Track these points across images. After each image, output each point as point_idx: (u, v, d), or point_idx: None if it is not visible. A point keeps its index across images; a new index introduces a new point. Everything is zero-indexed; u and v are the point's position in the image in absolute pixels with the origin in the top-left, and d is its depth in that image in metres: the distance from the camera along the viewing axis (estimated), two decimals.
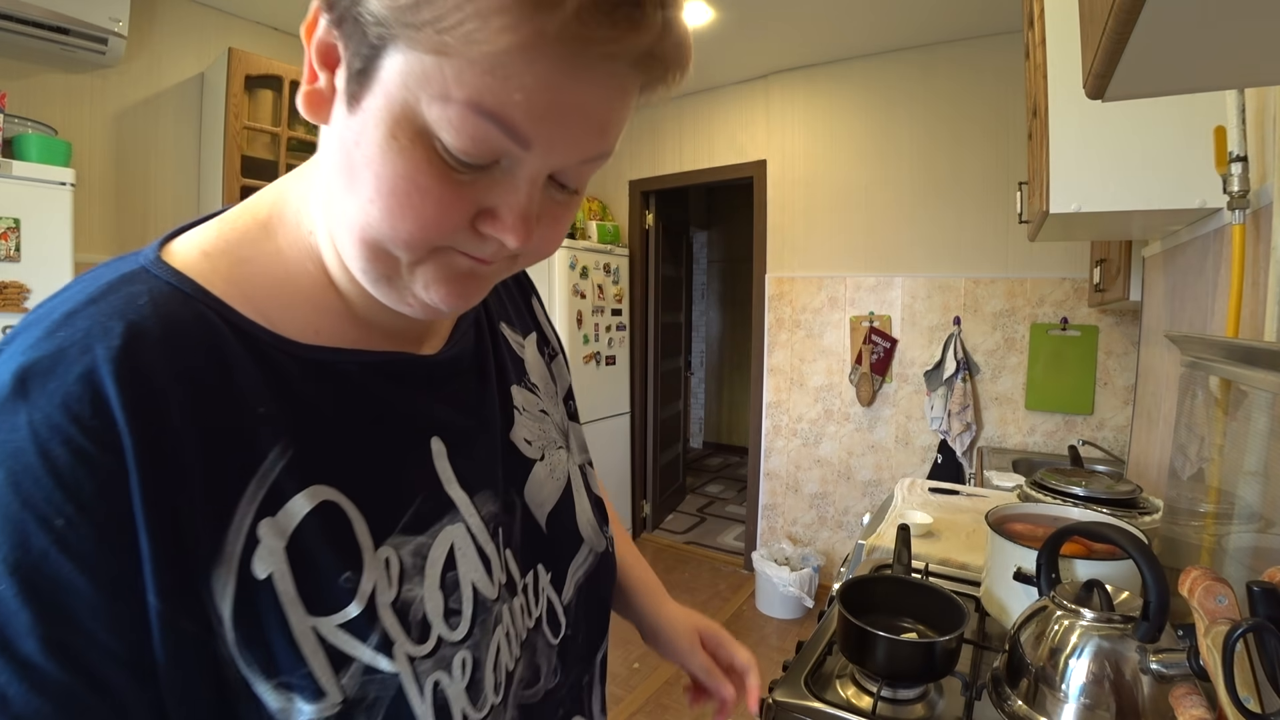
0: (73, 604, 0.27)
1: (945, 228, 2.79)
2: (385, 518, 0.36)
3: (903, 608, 0.93)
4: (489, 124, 0.28)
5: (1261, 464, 0.76)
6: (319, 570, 0.33)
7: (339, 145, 0.32)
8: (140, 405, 0.28)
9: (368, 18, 0.28)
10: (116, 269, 0.33)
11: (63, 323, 0.30)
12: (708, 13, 2.50)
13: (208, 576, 0.30)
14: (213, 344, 0.32)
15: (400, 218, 0.30)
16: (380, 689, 0.33)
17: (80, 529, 0.27)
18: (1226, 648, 0.53)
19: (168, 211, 2.34)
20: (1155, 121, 1.06)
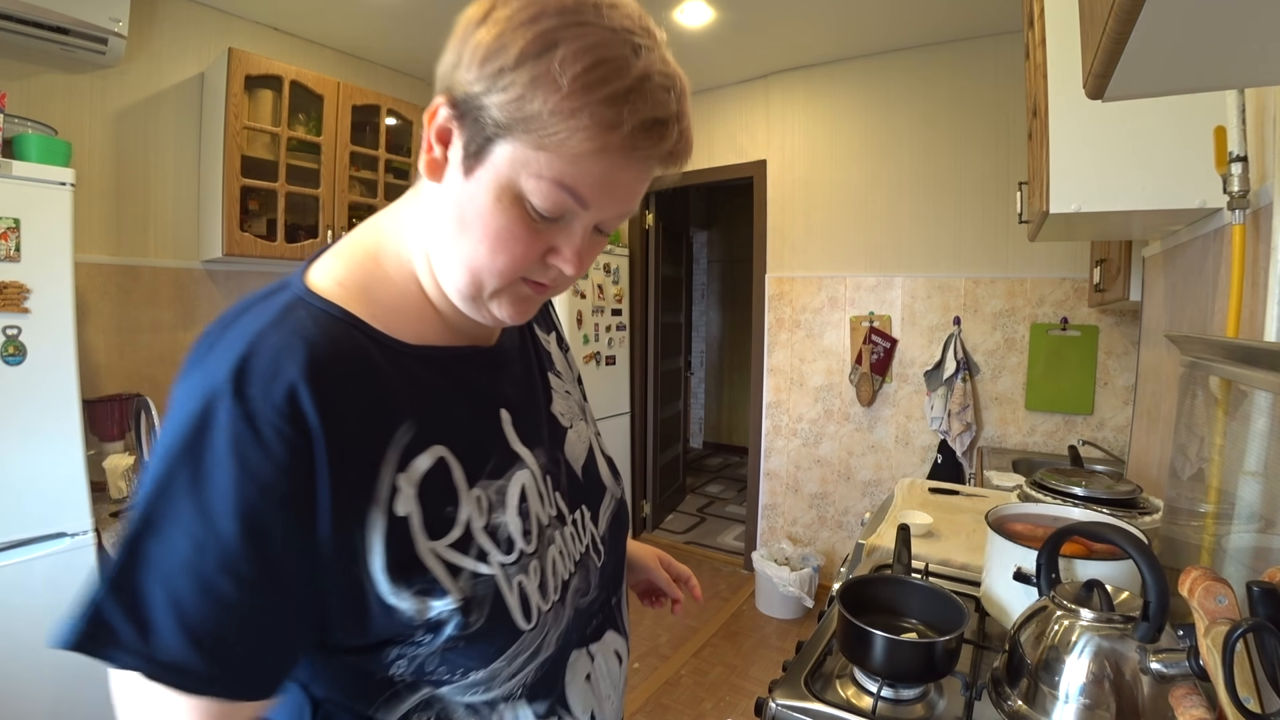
0: (273, 532, 0.40)
1: (945, 228, 2.79)
2: (474, 467, 0.50)
3: (903, 608, 0.93)
4: (565, 194, 0.44)
5: (1261, 464, 0.76)
6: (437, 505, 0.47)
7: (453, 201, 0.46)
8: (321, 400, 0.41)
9: (487, 119, 0.42)
10: (279, 300, 0.46)
11: (257, 340, 0.42)
12: (708, 13, 2.50)
13: (364, 516, 0.43)
14: (359, 352, 0.46)
15: (500, 254, 0.46)
16: (485, 588, 0.48)
17: (281, 485, 0.40)
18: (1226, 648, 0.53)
19: (168, 211, 2.34)
20: (1155, 121, 1.06)
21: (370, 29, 2.66)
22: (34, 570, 1.58)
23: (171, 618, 0.38)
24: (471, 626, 0.47)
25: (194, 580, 0.39)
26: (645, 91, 0.41)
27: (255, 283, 2.60)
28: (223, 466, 0.39)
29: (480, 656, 0.48)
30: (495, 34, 0.41)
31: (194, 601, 0.39)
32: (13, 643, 1.55)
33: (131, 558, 0.39)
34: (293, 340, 0.42)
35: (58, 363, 1.61)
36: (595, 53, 0.40)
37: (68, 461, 1.63)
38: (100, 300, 2.17)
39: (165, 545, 0.39)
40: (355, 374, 0.44)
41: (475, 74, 0.42)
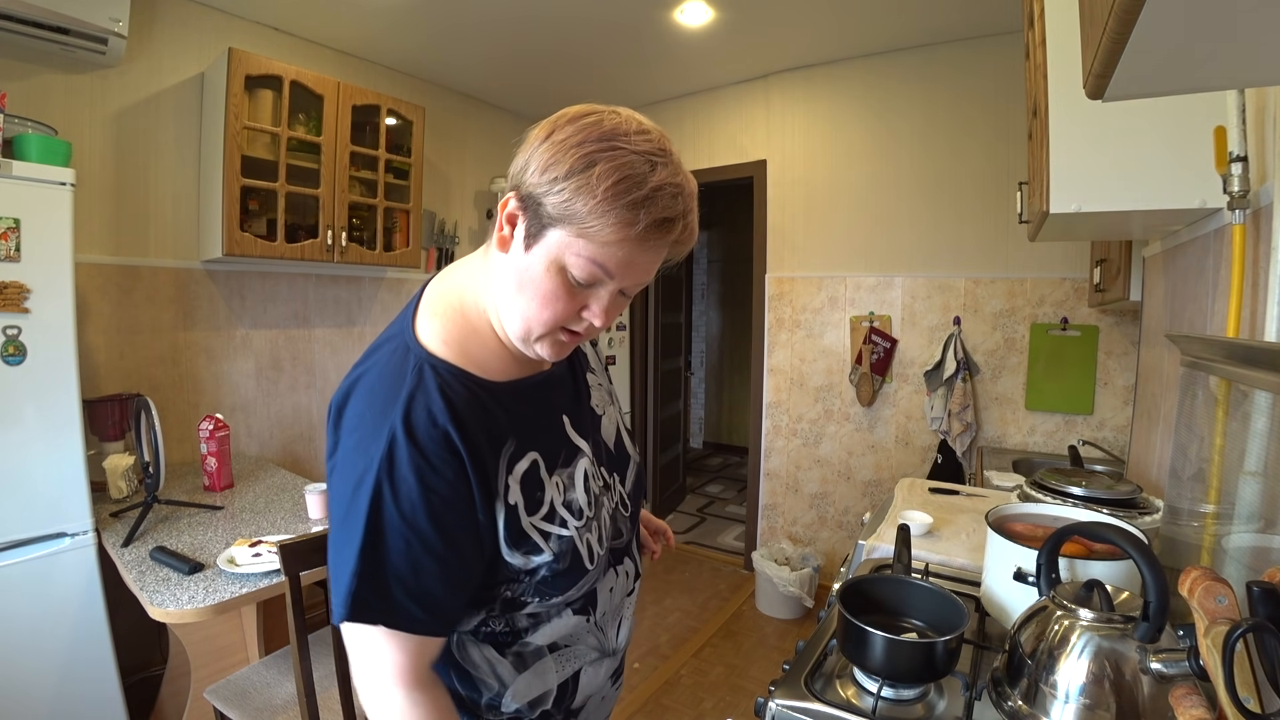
0: (450, 522, 0.62)
1: (945, 227, 2.79)
2: (552, 462, 0.71)
3: (903, 608, 0.93)
4: (597, 268, 0.60)
5: (1261, 464, 0.76)
6: (532, 493, 0.68)
7: (515, 269, 0.63)
8: (463, 436, 0.62)
9: (544, 212, 0.59)
10: (409, 362, 0.64)
11: (414, 401, 0.61)
12: (708, 13, 2.50)
13: (493, 506, 0.65)
14: (475, 397, 0.65)
15: (546, 309, 0.63)
16: (566, 544, 0.70)
17: (451, 494, 0.61)
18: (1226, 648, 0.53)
19: (168, 211, 2.34)
20: (1155, 121, 1.06)
21: (370, 29, 2.65)
22: (34, 570, 1.58)
23: (400, 588, 0.60)
24: (558, 569, 0.69)
25: (409, 563, 0.60)
26: (657, 199, 0.58)
27: (256, 283, 2.61)
28: (413, 490, 0.59)
29: (560, 588, 0.70)
30: (553, 152, 0.58)
31: (411, 576, 0.60)
32: (13, 643, 1.55)
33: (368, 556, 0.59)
34: (433, 395, 0.62)
35: (58, 363, 1.61)
36: (621, 170, 0.56)
37: (68, 461, 1.63)
38: (100, 300, 2.17)
39: (386, 544, 0.59)
40: (477, 413, 0.64)
41: (538, 179, 0.59)
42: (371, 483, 0.59)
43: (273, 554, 1.48)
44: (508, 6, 2.45)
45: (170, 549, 1.54)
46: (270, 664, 1.58)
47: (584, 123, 0.59)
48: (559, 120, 0.61)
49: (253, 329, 2.62)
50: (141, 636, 2.16)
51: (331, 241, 2.49)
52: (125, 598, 1.53)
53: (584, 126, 0.59)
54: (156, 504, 1.81)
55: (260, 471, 2.35)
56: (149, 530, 1.70)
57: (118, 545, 1.61)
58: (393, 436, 0.59)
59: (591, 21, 2.57)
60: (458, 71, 3.13)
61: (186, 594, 1.35)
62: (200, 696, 1.57)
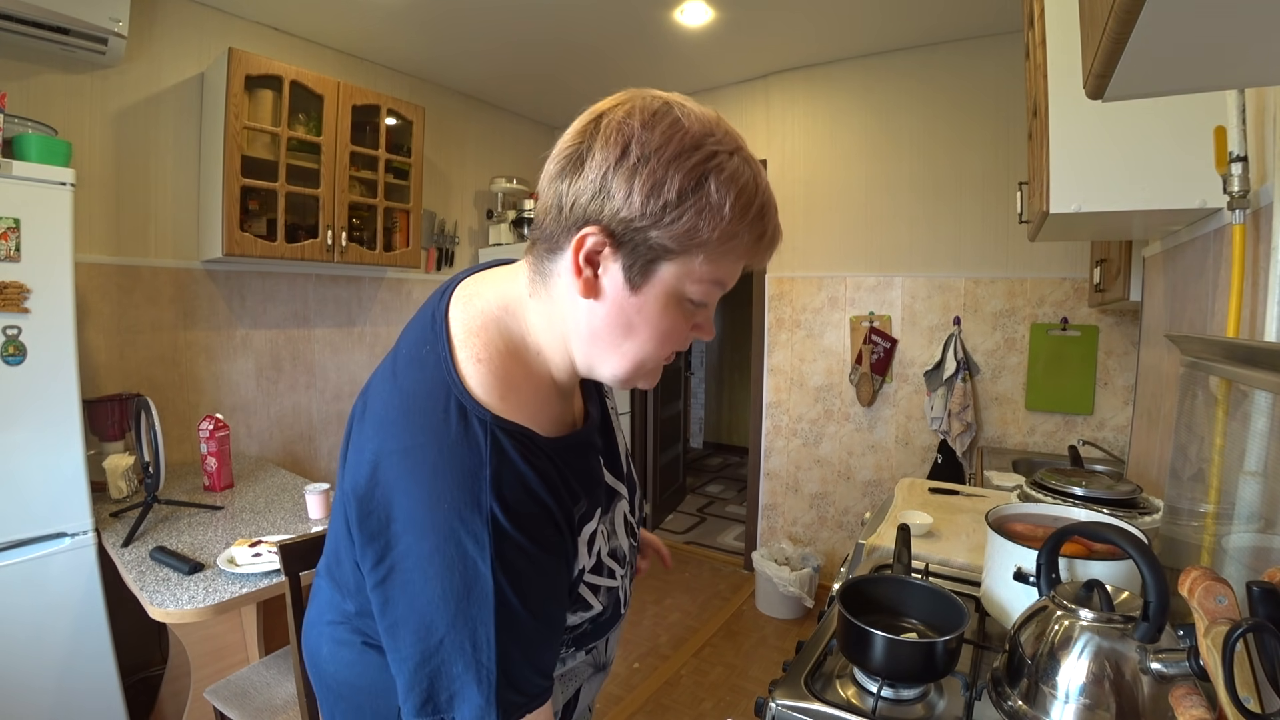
0: (559, 585, 0.59)
1: (945, 228, 2.79)
2: (600, 509, 0.66)
3: (903, 608, 0.93)
4: (718, 288, 0.57)
5: (1261, 464, 0.76)
6: (592, 550, 0.64)
7: (618, 311, 0.55)
8: (555, 499, 0.56)
9: (655, 244, 0.52)
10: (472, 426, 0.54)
11: (496, 475, 0.52)
12: (708, 13, 2.50)
13: (572, 563, 0.61)
14: (548, 455, 0.57)
15: (667, 345, 0.58)
16: (612, 597, 0.68)
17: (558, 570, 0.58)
18: (1226, 648, 0.53)
19: (168, 211, 2.34)
20: (1155, 121, 1.06)
21: (370, 29, 2.65)
22: (34, 570, 1.58)
23: (534, 670, 0.55)
24: (601, 619, 0.67)
25: (538, 647, 0.55)
26: (769, 201, 0.55)
27: (256, 283, 2.61)
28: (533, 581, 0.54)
29: (598, 635, 0.68)
30: (649, 174, 0.50)
31: (539, 657, 0.56)
32: (13, 642, 1.55)
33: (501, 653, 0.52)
34: (526, 471, 0.54)
35: (58, 363, 1.61)
36: (736, 182, 0.52)
37: (68, 461, 1.63)
38: (100, 300, 2.17)
39: (518, 633, 0.53)
40: (558, 477, 0.58)
41: (639, 210, 0.51)
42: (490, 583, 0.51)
43: (273, 554, 1.48)
44: (507, 5, 2.45)
45: (170, 549, 1.54)
46: (270, 664, 1.58)
47: (664, 128, 0.51)
48: (626, 130, 0.51)
49: (253, 329, 2.62)
50: (141, 636, 2.16)
51: (331, 241, 2.49)
52: (125, 598, 1.53)
53: (668, 134, 0.51)
54: (156, 504, 1.81)
55: (260, 471, 2.35)
56: (149, 530, 1.70)
57: (118, 545, 1.61)
58: (495, 524, 0.51)
59: (591, 21, 2.57)
60: (458, 71, 3.13)
61: (186, 594, 1.35)
62: (200, 696, 1.57)
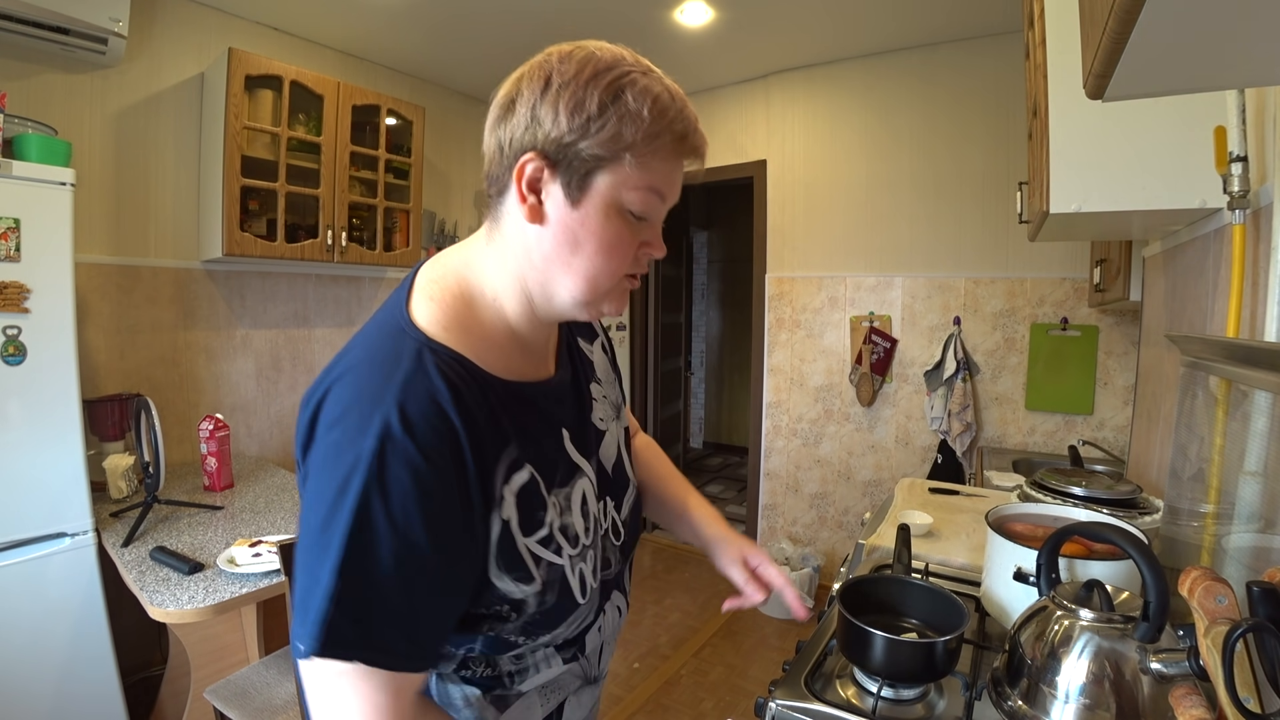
0: (449, 536, 0.52)
1: (945, 227, 2.79)
2: (551, 479, 0.62)
3: (903, 608, 0.93)
4: (654, 195, 0.58)
5: (1261, 464, 0.76)
6: (530, 511, 0.59)
7: (563, 230, 0.57)
8: (467, 426, 0.53)
9: (586, 156, 0.54)
10: (409, 347, 0.55)
11: (410, 386, 0.52)
12: (708, 13, 2.50)
13: (489, 520, 0.55)
14: (480, 388, 0.56)
15: (614, 258, 0.58)
16: (555, 574, 0.60)
17: (451, 500, 0.52)
18: (1226, 648, 0.53)
19: (168, 211, 2.34)
20: (1155, 121, 1.06)
21: (370, 29, 2.66)
22: (34, 570, 1.58)
23: (385, 615, 0.49)
24: (546, 604, 0.60)
25: (398, 583, 0.49)
26: (688, 108, 0.58)
27: (256, 283, 2.61)
28: (408, 493, 0.49)
29: (549, 625, 0.61)
30: (570, 94, 0.54)
31: (399, 599, 0.50)
32: (13, 643, 1.55)
33: (348, 575, 0.48)
34: (433, 379, 0.53)
35: (58, 363, 1.61)
36: (650, 92, 0.55)
37: (68, 461, 1.63)
38: (100, 300, 2.17)
39: (372, 561, 0.48)
40: (482, 408, 0.56)
41: (566, 126, 0.54)
42: (359, 486, 0.48)
43: (273, 554, 1.48)
44: (507, 6, 2.45)
45: (170, 549, 1.54)
46: (270, 664, 1.58)
47: (578, 59, 0.55)
48: (547, 65, 0.56)
49: (253, 329, 2.62)
50: (141, 636, 2.16)
51: (331, 241, 2.49)
52: (125, 598, 1.53)
53: (582, 62, 0.55)
54: (156, 504, 1.81)
55: (260, 471, 2.35)
56: (149, 530, 1.70)
57: (118, 545, 1.61)
58: (386, 428, 0.49)
59: (591, 21, 2.57)
60: (458, 71, 3.13)
61: (186, 594, 1.35)
62: (200, 696, 1.57)
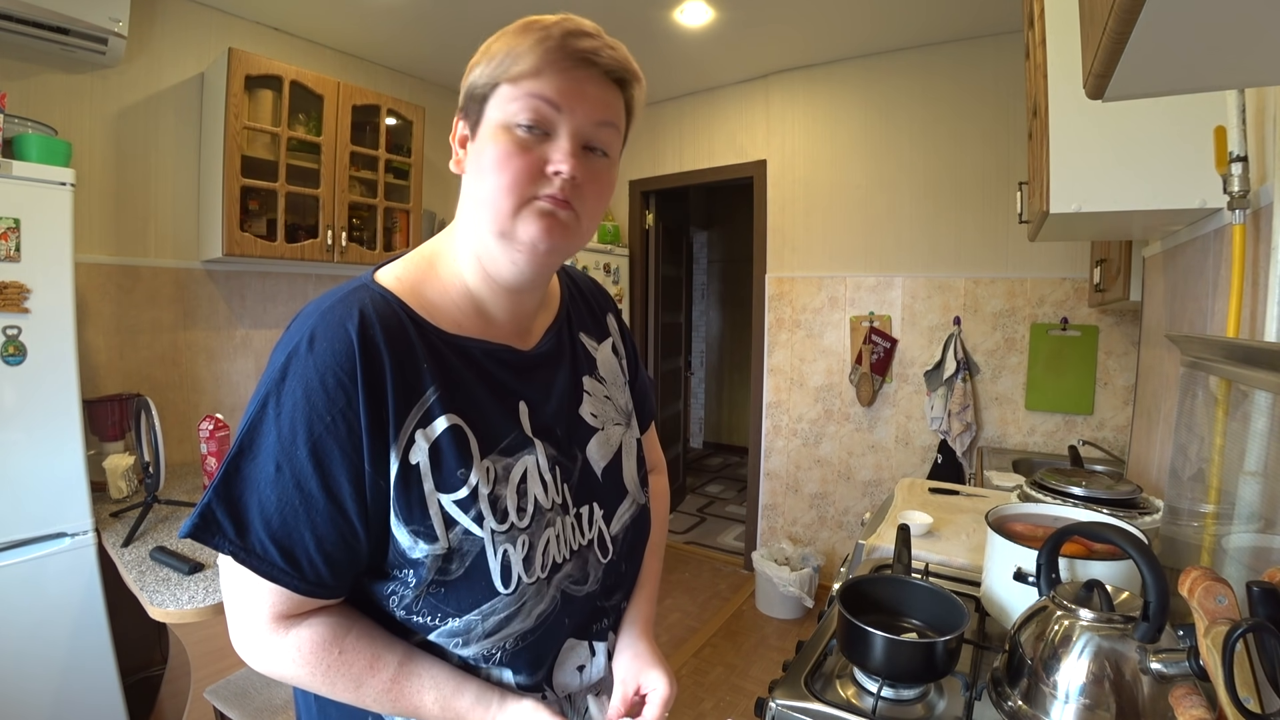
0: (331, 459, 0.52)
1: (945, 227, 2.79)
2: (489, 442, 0.60)
3: (903, 608, 0.93)
4: (538, 101, 0.56)
5: (1261, 464, 0.76)
6: (447, 465, 0.57)
7: (472, 169, 0.59)
8: (367, 356, 0.53)
9: (476, 94, 0.58)
10: (350, 285, 0.59)
11: (328, 310, 0.55)
12: (708, 13, 2.50)
13: (387, 455, 0.54)
14: (401, 326, 0.57)
15: (504, 173, 0.55)
16: (470, 544, 0.57)
17: (337, 423, 0.52)
18: (1226, 648, 0.53)
19: (168, 211, 2.34)
20: (1156, 121, 1.06)
21: (370, 29, 2.65)
22: (34, 570, 1.58)
23: (259, 519, 0.52)
24: (450, 574, 0.57)
25: (275, 491, 0.52)
26: (566, 24, 0.57)
27: (256, 283, 2.61)
28: (298, 406, 0.52)
29: (456, 605, 0.57)
30: (474, 58, 0.59)
31: (275, 508, 0.52)
32: (13, 643, 1.55)
33: (234, 472, 0.52)
34: (352, 310, 0.55)
35: (58, 363, 1.61)
36: (529, 18, 0.58)
37: (68, 461, 1.63)
38: (100, 300, 2.17)
39: (256, 464, 0.52)
40: (394, 341, 0.56)
41: (467, 81, 0.60)
42: (261, 395, 0.53)
43: None
44: (507, 6, 2.45)
45: (170, 549, 1.54)
46: None
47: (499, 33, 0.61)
48: None
49: (253, 329, 2.62)
50: (141, 636, 2.15)
51: (331, 241, 2.49)
52: (125, 598, 1.53)
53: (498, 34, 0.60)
54: (156, 504, 1.81)
55: None
56: (149, 530, 1.70)
57: (118, 545, 1.61)
58: (295, 347, 0.53)
59: (591, 19, 2.56)
60: (458, 71, 3.11)
61: (186, 594, 1.35)
62: (200, 696, 1.57)
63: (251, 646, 0.57)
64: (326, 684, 0.56)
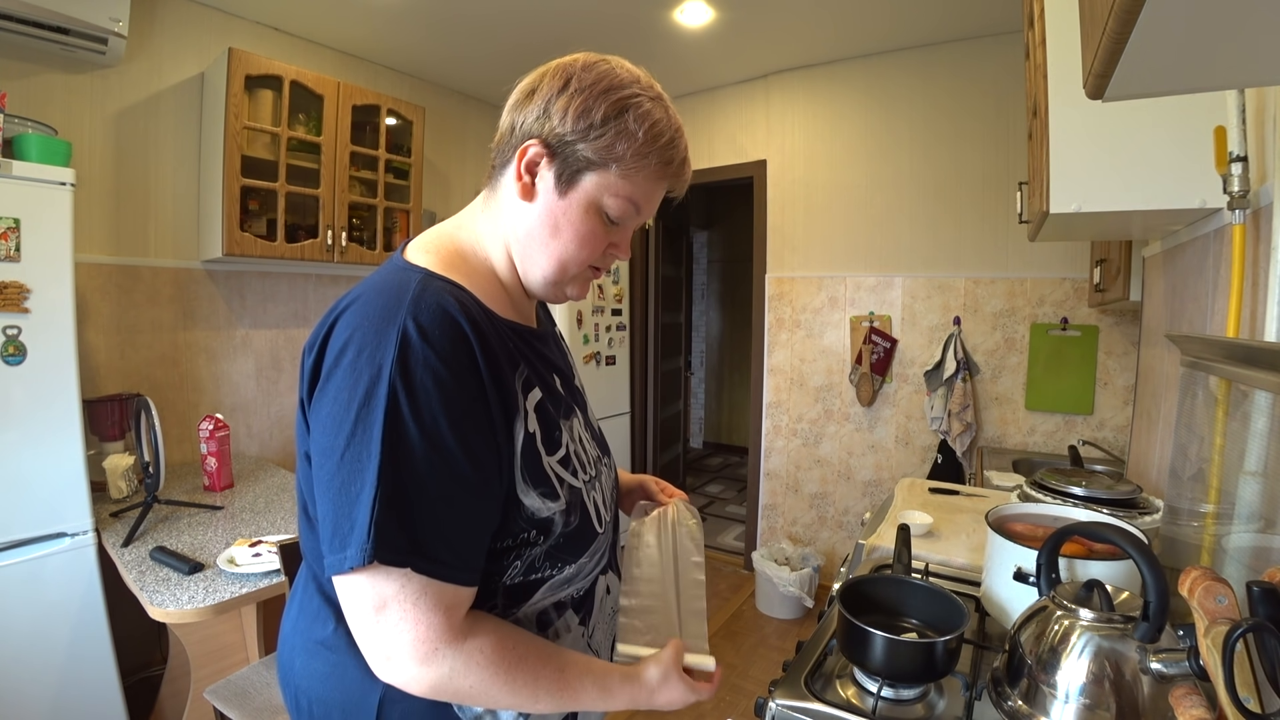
0: (474, 442, 0.55)
1: (945, 227, 2.79)
2: (558, 407, 0.68)
3: (903, 608, 0.93)
4: (632, 206, 0.65)
5: (1261, 464, 0.76)
6: (548, 430, 0.64)
7: (547, 214, 0.64)
8: (481, 339, 0.57)
9: (580, 157, 0.62)
10: (412, 277, 0.59)
11: (417, 300, 0.56)
12: (708, 13, 2.50)
13: (512, 428, 0.60)
14: (483, 311, 0.61)
15: (584, 249, 0.66)
16: (575, 496, 0.66)
17: (473, 405, 0.56)
18: (1226, 648, 0.53)
19: (168, 211, 2.34)
20: (1155, 121, 1.06)
21: (370, 29, 2.65)
22: (34, 570, 1.58)
23: (429, 521, 0.52)
24: (570, 525, 0.64)
25: (436, 487, 0.53)
26: (680, 140, 0.66)
27: (256, 283, 2.61)
28: (432, 396, 0.52)
29: (574, 551, 0.66)
30: (580, 101, 0.61)
31: (439, 505, 0.53)
32: (13, 642, 1.55)
33: (388, 480, 0.51)
34: (445, 298, 0.57)
35: (58, 363, 1.61)
36: (650, 117, 0.63)
37: (68, 461, 1.63)
38: (100, 300, 2.17)
39: (409, 464, 0.51)
40: (487, 325, 0.60)
41: (570, 127, 0.61)
42: (385, 393, 0.51)
43: (273, 554, 1.48)
44: (507, 6, 2.45)
45: (170, 549, 1.54)
46: (270, 664, 1.58)
47: (600, 71, 0.63)
48: (570, 70, 0.63)
49: (253, 329, 2.62)
50: (141, 636, 2.15)
51: (331, 241, 2.49)
52: (125, 598, 1.53)
53: (601, 75, 0.62)
54: (156, 504, 1.81)
55: (260, 471, 2.35)
56: (149, 530, 1.70)
57: (118, 545, 1.61)
58: (404, 338, 0.52)
59: (591, 21, 2.57)
60: (458, 71, 3.13)
61: (186, 594, 1.35)
62: (200, 696, 1.57)
63: (429, 667, 0.53)
64: (509, 686, 0.56)
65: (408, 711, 0.60)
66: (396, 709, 0.60)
